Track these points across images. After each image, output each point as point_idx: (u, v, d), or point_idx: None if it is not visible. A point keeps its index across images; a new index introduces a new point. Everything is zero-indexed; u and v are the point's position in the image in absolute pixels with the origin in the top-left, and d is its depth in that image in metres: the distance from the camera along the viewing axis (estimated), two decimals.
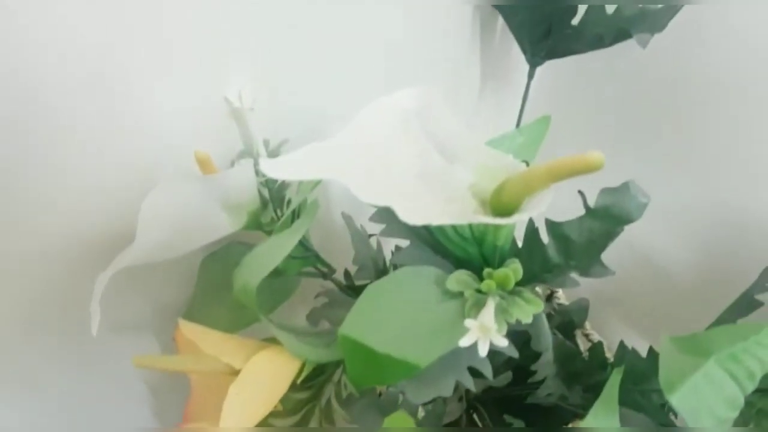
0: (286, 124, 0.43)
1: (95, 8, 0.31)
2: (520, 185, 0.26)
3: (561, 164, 0.24)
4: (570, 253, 0.36)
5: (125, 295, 0.46)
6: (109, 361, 0.46)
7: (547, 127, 0.41)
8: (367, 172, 0.26)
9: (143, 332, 0.47)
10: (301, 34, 0.41)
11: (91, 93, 0.34)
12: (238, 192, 0.36)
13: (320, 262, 0.45)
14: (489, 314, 0.29)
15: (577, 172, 0.24)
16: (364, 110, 0.28)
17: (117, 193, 0.37)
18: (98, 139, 0.36)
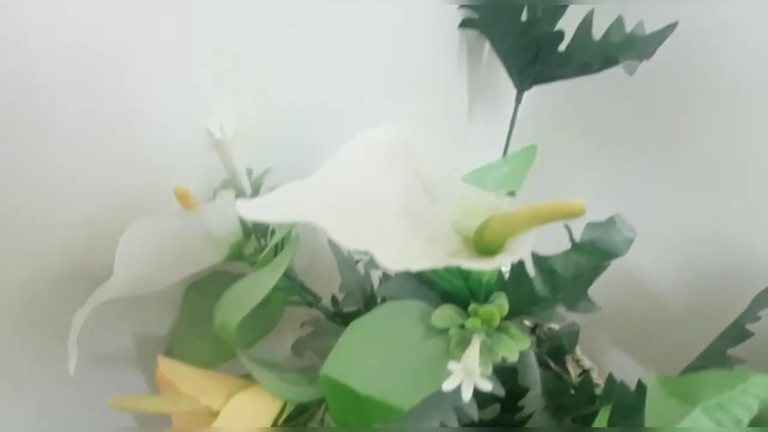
0: (271, 152, 0.42)
1: (68, 40, 0.31)
2: (502, 226, 0.26)
3: (543, 209, 0.23)
4: (557, 287, 0.35)
5: (108, 325, 0.44)
6: (93, 394, 0.45)
7: (533, 156, 0.40)
8: (346, 214, 0.26)
9: (128, 364, 0.47)
10: (287, 64, 0.40)
11: (74, 127, 0.33)
12: (220, 225, 0.36)
13: (305, 291, 0.45)
14: (473, 356, 0.29)
15: (559, 218, 0.23)
16: (345, 145, 0.28)
17: (98, 225, 0.37)
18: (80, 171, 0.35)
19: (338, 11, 0.41)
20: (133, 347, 0.47)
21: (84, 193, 0.36)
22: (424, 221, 0.29)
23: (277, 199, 0.26)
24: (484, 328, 0.31)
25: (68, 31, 0.31)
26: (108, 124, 0.34)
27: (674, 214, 0.53)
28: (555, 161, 0.50)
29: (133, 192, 0.37)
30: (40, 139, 0.33)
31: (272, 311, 0.44)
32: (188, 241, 0.35)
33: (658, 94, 0.50)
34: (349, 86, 0.45)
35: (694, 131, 0.49)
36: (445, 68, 0.50)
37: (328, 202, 0.26)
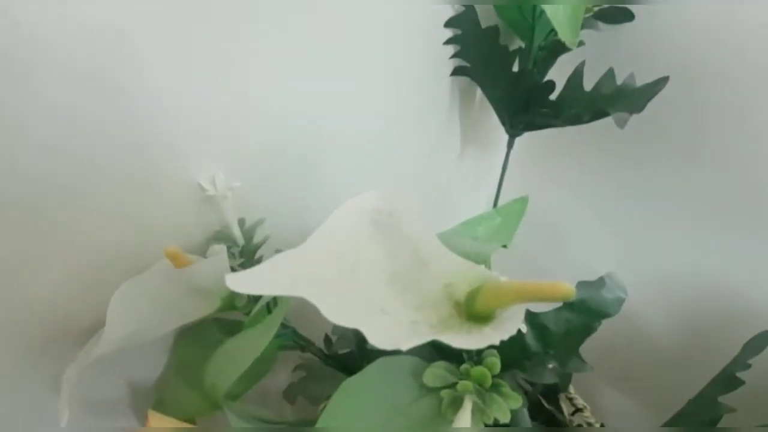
0: (263, 203, 0.42)
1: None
2: (492, 298, 0.26)
3: (531, 288, 0.23)
4: (548, 343, 0.35)
5: (99, 374, 0.44)
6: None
7: (524, 207, 0.40)
8: (335, 287, 0.26)
9: (119, 410, 0.46)
10: (278, 111, 0.40)
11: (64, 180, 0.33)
12: (211, 280, 0.36)
13: (298, 337, 0.44)
14: (465, 422, 0.29)
15: (546, 299, 0.23)
16: (333, 214, 0.28)
17: (88, 278, 0.36)
18: (69, 224, 0.35)
19: (335, 54, 0.41)
20: (124, 393, 0.47)
21: (74, 247, 0.36)
22: (413, 287, 0.29)
23: (265, 271, 0.26)
24: (476, 389, 0.31)
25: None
26: (98, 176, 0.34)
27: (668, 259, 0.53)
28: (547, 206, 0.51)
29: (124, 244, 0.37)
30: (28, 191, 0.32)
31: (264, 358, 0.43)
32: (179, 296, 0.34)
33: (651, 142, 0.50)
34: (340, 128, 0.45)
35: (689, 179, 0.49)
36: (437, 112, 0.50)
37: (316, 275, 0.26)
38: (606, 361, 0.62)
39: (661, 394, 0.56)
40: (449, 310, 0.29)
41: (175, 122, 0.35)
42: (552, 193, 0.53)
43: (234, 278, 0.25)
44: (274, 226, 0.42)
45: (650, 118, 0.45)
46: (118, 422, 0.46)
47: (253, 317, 0.35)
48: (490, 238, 0.38)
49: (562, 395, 0.58)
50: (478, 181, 0.56)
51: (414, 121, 0.49)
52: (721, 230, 0.50)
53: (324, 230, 0.29)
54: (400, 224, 0.30)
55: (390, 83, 0.46)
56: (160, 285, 0.34)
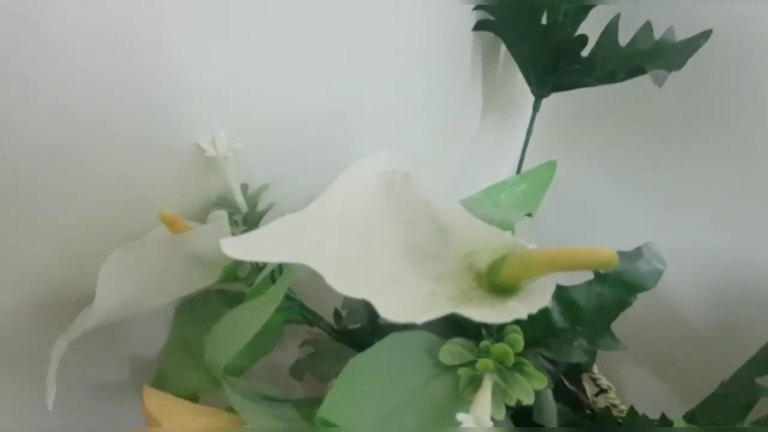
0: (269, 164, 0.39)
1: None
2: (518, 268, 0.23)
3: (567, 256, 0.21)
4: (577, 319, 0.33)
5: (101, 352, 0.43)
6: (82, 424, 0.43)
7: (552, 173, 0.38)
8: (343, 255, 0.23)
9: (125, 391, 0.45)
10: (291, 67, 0.38)
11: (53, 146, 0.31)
12: (211, 248, 0.33)
13: (305, 310, 0.42)
14: (485, 405, 0.26)
15: (584, 267, 0.21)
16: (339, 177, 0.25)
17: (79, 247, 0.34)
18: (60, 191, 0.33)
19: (348, 13, 0.38)
20: (127, 372, 0.45)
21: (65, 214, 0.34)
22: (430, 256, 0.26)
23: (265, 236, 0.23)
24: (497, 367, 0.29)
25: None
26: (89, 141, 0.32)
27: (704, 233, 0.50)
28: (574, 176, 0.47)
29: (117, 212, 0.35)
30: (17, 158, 0.30)
31: (270, 332, 0.41)
32: (176, 265, 0.32)
33: (688, 105, 0.47)
34: (357, 92, 0.42)
35: (727, 147, 0.46)
36: (458, 73, 0.47)
37: (321, 241, 0.24)
38: (632, 340, 0.59)
39: (691, 375, 0.54)
40: (469, 282, 0.27)
41: (173, 79, 0.33)
42: (578, 161, 0.50)
43: (230, 243, 0.22)
44: (280, 193, 0.40)
45: (685, 85, 0.42)
46: (122, 403, 0.45)
47: (255, 288, 0.33)
48: (513, 206, 0.36)
49: (586, 375, 0.56)
50: (501, 147, 0.52)
51: (433, 81, 0.46)
52: (758, 206, 0.47)
53: (332, 193, 0.26)
54: (416, 187, 0.28)
55: (407, 39, 0.43)
56: (156, 252, 0.31)
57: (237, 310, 0.31)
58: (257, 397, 0.32)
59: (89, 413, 0.43)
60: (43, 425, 0.39)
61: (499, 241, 0.25)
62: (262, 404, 0.32)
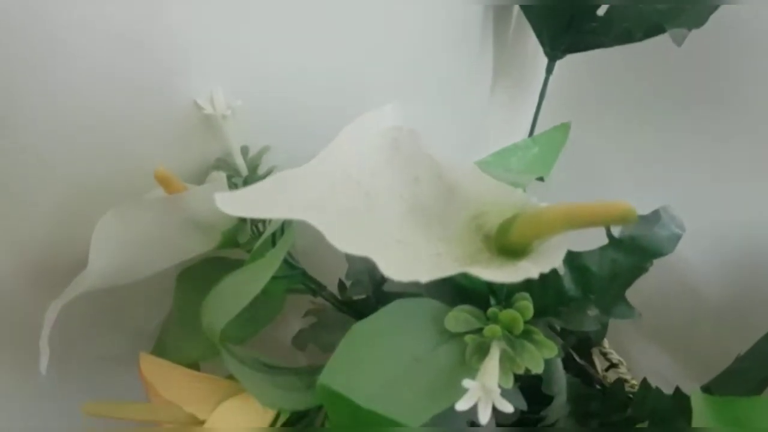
0: (270, 127, 0.38)
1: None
2: (530, 227, 0.22)
3: (581, 211, 0.20)
4: (589, 287, 0.32)
5: (103, 319, 0.43)
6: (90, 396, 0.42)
7: (565, 135, 0.36)
8: (344, 212, 0.22)
9: (127, 359, 0.44)
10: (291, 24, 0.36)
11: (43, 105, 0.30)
12: (210, 211, 0.32)
13: (308, 279, 0.41)
14: (492, 372, 0.25)
15: (601, 223, 0.19)
16: (343, 131, 0.24)
17: (73, 213, 0.34)
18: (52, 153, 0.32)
19: None
20: (127, 338, 0.45)
21: (57, 179, 0.33)
22: (437, 218, 0.25)
23: (262, 191, 0.22)
24: (505, 335, 0.28)
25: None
26: (81, 99, 0.31)
27: (722, 203, 0.49)
28: (587, 142, 0.46)
29: (111, 176, 0.34)
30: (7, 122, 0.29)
31: (271, 301, 0.41)
32: (173, 228, 0.31)
33: (710, 69, 0.45)
34: (363, 54, 0.41)
35: (751, 117, 0.44)
36: (468, 34, 0.45)
37: (322, 198, 0.23)
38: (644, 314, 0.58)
39: (704, 351, 0.53)
40: (477, 244, 0.26)
41: (169, 32, 0.32)
42: (592, 126, 0.48)
43: (224, 198, 0.21)
44: (282, 156, 0.39)
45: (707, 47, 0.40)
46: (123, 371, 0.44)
47: (255, 252, 0.32)
48: (525, 170, 0.34)
49: (596, 350, 0.55)
50: (512, 111, 0.51)
51: (442, 43, 0.44)
52: None
53: (334, 149, 0.25)
54: (423, 145, 0.26)
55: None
56: (151, 214, 0.31)
57: (235, 274, 0.30)
58: (257, 365, 0.32)
59: (89, 379, 0.43)
60: (41, 390, 0.39)
61: (509, 200, 0.24)
62: (261, 371, 0.31)
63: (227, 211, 0.21)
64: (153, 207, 0.30)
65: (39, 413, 0.41)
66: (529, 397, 0.33)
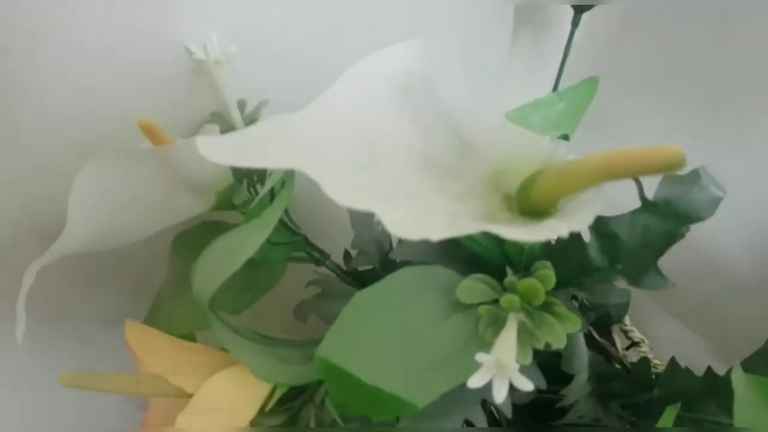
0: (268, 82, 0.36)
1: None
2: (558, 181, 0.20)
3: (620, 159, 0.17)
4: (617, 255, 0.29)
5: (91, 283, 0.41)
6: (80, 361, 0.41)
7: (593, 91, 0.33)
8: (344, 162, 0.20)
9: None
10: None
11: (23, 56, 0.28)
12: (202, 167, 0.30)
13: (311, 247, 0.39)
14: (509, 346, 0.23)
15: (644, 171, 0.17)
16: (346, 74, 0.22)
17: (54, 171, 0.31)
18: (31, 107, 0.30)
19: None
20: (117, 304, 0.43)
21: (37, 135, 0.31)
22: (452, 173, 0.23)
23: (253, 137, 0.20)
24: (524, 307, 0.26)
25: None
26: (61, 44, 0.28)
27: (753, 178, 0.45)
28: (613, 101, 0.43)
29: (95, 127, 0.31)
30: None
31: (270, 268, 0.38)
32: (161, 186, 0.29)
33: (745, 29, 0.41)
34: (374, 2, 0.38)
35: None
36: None
37: (321, 146, 0.20)
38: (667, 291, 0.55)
39: (734, 330, 0.50)
40: (497, 204, 0.23)
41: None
42: (619, 84, 0.45)
43: (207, 142, 0.19)
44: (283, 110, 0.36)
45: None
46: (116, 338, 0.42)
47: (250, 212, 0.30)
48: (548, 128, 0.31)
49: (616, 327, 0.53)
50: (535, 67, 0.48)
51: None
52: None
53: (336, 92, 0.23)
54: (437, 92, 0.24)
55: None
56: (135, 169, 0.28)
57: (227, 236, 0.28)
58: (252, 335, 0.30)
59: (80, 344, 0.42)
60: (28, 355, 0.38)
61: (534, 152, 0.21)
62: (257, 342, 0.29)
63: (210, 158, 0.19)
64: (137, 160, 0.28)
65: (26, 378, 0.39)
66: (545, 376, 0.31)
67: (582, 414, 0.36)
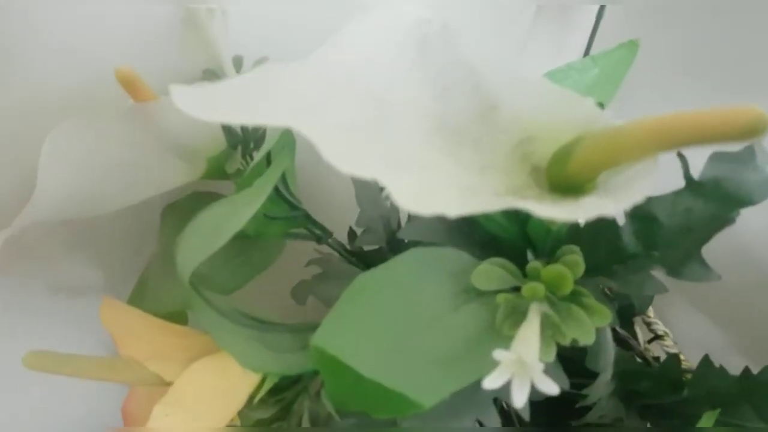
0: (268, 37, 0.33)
1: None
2: (603, 151, 0.17)
3: (684, 125, 0.14)
4: (654, 241, 0.26)
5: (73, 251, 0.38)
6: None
7: (633, 55, 0.30)
8: (347, 120, 0.17)
9: None
10: None
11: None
12: (191, 129, 0.27)
13: (312, 223, 0.37)
14: (531, 343, 0.21)
15: (715, 139, 0.14)
16: (352, 22, 0.19)
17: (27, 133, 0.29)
18: None
19: None
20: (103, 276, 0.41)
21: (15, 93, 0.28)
22: (472, 140, 0.20)
23: (240, 89, 0.17)
24: (548, 297, 0.23)
25: None
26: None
27: None
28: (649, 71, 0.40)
29: (74, 84, 0.29)
30: None
31: (267, 246, 0.36)
32: (143, 149, 0.26)
33: None
34: None
35: None
36: None
37: (319, 100, 0.17)
38: None
39: (761, 321, 0.47)
40: (523, 178, 0.20)
41: None
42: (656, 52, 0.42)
43: (183, 93, 0.16)
44: None
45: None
46: None
47: (242, 181, 0.27)
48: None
49: (638, 318, 0.50)
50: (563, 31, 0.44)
51: None
52: None
53: (338, 45, 0.20)
54: (457, 43, 0.21)
55: None
56: (114, 129, 0.25)
57: (215, 206, 0.25)
58: (241, 317, 0.27)
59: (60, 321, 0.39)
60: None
61: (572, 117, 0.18)
62: (244, 325, 0.26)
63: (187, 111, 0.16)
64: (114, 119, 0.25)
65: None
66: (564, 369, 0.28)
67: (603, 413, 0.33)
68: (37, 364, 0.23)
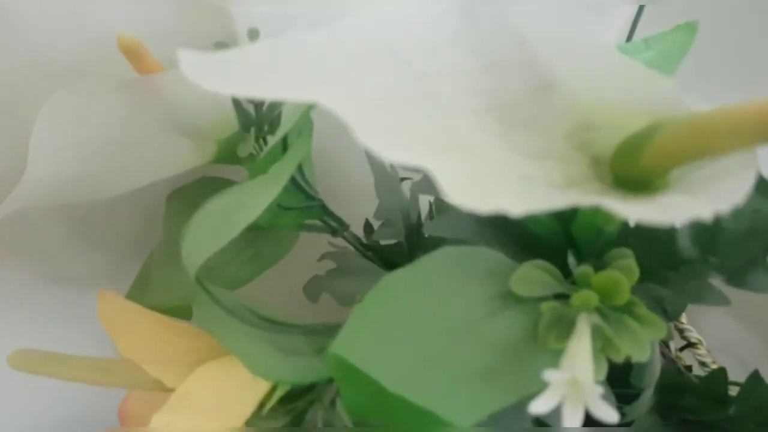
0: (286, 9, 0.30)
1: None
2: (687, 141, 0.14)
3: None
4: (713, 246, 0.24)
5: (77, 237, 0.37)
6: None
7: (691, 39, 0.28)
8: (383, 96, 0.14)
9: None
10: None
11: None
12: (200, 108, 0.25)
13: (328, 215, 0.34)
14: (584, 360, 0.18)
15: None
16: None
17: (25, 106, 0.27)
18: None
19: None
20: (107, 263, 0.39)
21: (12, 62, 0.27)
22: (526, 124, 0.17)
23: (255, 58, 0.14)
24: (599, 307, 0.20)
25: None
26: None
27: None
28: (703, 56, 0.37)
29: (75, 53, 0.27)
30: None
31: (279, 238, 0.34)
32: (146, 127, 0.24)
33: None
34: None
35: None
36: None
37: (351, 73, 0.15)
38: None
39: None
40: (582, 170, 0.18)
41: None
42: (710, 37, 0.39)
43: (192, 60, 0.14)
44: None
45: None
46: None
47: (256, 166, 0.25)
48: None
49: (671, 325, 0.48)
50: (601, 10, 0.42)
51: None
52: None
53: (370, 12, 0.17)
54: (509, 13, 0.18)
55: None
56: (115, 107, 0.23)
57: (227, 193, 0.23)
58: (251, 317, 0.25)
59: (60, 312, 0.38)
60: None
61: (645, 99, 0.16)
62: (253, 325, 0.24)
63: (196, 80, 0.13)
64: (113, 92, 0.22)
65: None
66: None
67: (640, 431, 0.31)
68: (23, 365, 0.21)
